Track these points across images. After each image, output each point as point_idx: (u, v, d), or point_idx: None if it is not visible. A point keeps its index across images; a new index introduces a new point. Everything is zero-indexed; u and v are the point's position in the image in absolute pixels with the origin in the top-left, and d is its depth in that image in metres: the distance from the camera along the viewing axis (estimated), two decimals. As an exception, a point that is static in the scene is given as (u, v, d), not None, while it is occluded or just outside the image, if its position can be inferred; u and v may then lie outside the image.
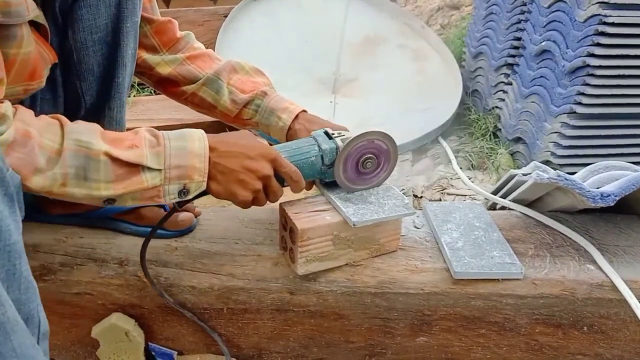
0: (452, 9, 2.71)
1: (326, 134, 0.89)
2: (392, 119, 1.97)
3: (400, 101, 2.08)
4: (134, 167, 0.73)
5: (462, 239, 0.94)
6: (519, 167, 1.72)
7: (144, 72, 1.02)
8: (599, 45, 1.43)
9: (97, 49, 0.82)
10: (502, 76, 1.94)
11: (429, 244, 0.96)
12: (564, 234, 0.98)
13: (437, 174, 1.79)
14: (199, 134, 0.79)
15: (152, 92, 2.10)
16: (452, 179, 1.75)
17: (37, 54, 0.74)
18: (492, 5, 2.01)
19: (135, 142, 0.74)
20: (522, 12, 1.81)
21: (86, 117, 0.86)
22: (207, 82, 1.00)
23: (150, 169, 0.74)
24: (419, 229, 1.00)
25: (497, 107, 1.97)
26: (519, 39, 1.83)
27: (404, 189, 1.68)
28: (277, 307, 0.90)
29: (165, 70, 1.01)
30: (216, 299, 0.90)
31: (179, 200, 0.78)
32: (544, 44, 1.63)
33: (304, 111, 1.00)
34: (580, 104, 1.51)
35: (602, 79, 1.48)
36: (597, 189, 0.91)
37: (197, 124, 1.50)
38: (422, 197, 1.69)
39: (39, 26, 0.75)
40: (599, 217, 1.04)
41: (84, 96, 0.85)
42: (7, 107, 0.67)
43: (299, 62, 2.18)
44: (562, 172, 0.91)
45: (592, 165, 1.06)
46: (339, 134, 0.89)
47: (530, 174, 1.00)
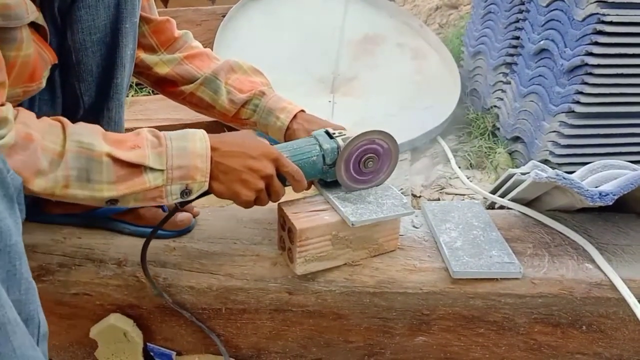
0: (450, 8, 2.71)
1: (327, 133, 0.89)
2: (391, 118, 1.97)
3: (398, 100, 2.08)
4: (136, 167, 0.73)
5: (460, 238, 0.94)
6: (518, 166, 1.72)
7: (142, 71, 1.01)
8: (597, 44, 1.43)
9: (96, 49, 0.82)
10: (501, 75, 1.93)
11: (428, 244, 0.96)
12: (562, 233, 0.98)
13: (435, 173, 1.79)
14: (201, 134, 0.79)
15: (150, 92, 2.09)
16: (450, 178, 1.75)
17: (36, 56, 0.74)
18: (491, 4, 2.01)
19: (137, 142, 0.74)
20: (521, 11, 1.81)
21: (85, 118, 0.86)
22: (205, 82, 1.00)
23: (152, 169, 0.74)
24: (417, 228, 1.00)
25: (495, 106, 1.97)
26: (517, 38, 1.83)
27: (402, 189, 1.67)
28: (276, 307, 0.90)
29: (163, 70, 1.01)
30: (215, 299, 0.90)
31: (182, 200, 0.78)
32: (542, 43, 1.63)
33: (302, 111, 1.00)
34: (578, 103, 1.51)
35: (601, 78, 1.48)
36: (596, 188, 0.91)
37: (195, 123, 1.50)
38: (420, 196, 1.69)
39: (38, 27, 0.75)
40: (597, 216, 1.04)
41: (82, 97, 0.85)
42: (8, 110, 0.67)
43: (298, 61, 2.17)
44: (560, 171, 0.91)
45: (591, 164, 1.06)
46: (340, 134, 0.89)
47: (528, 173, 1.00)
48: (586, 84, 1.48)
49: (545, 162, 1.62)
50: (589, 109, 1.52)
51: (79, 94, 0.85)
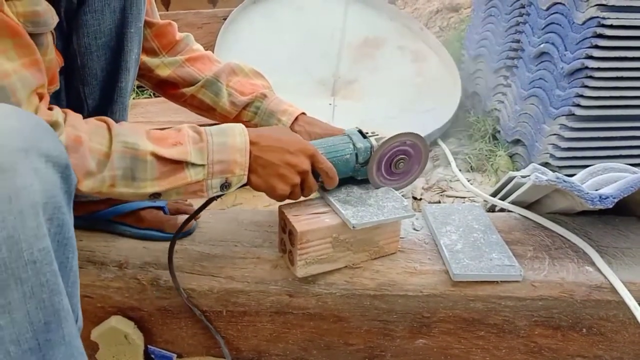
0: (451, 12, 2.71)
1: (360, 132, 0.91)
2: (391, 121, 1.97)
3: (399, 103, 2.08)
4: (179, 163, 0.75)
5: (461, 241, 0.95)
6: (518, 169, 1.71)
7: (144, 74, 1.02)
8: (597, 47, 1.43)
9: (101, 53, 0.82)
10: (501, 78, 1.94)
11: (428, 246, 0.96)
12: (562, 236, 0.99)
13: (436, 176, 1.79)
14: (240, 128, 0.80)
15: (152, 94, 2.10)
16: (451, 181, 1.75)
17: (55, 59, 0.75)
18: (491, 7, 2.02)
19: (179, 139, 0.76)
20: (521, 15, 1.81)
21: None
22: (206, 84, 1.01)
23: (194, 164, 0.76)
24: (418, 231, 1.00)
25: (496, 109, 1.97)
26: (517, 41, 1.83)
27: (403, 191, 1.68)
28: (277, 310, 0.90)
29: (164, 72, 1.01)
30: (215, 301, 0.90)
31: (221, 193, 0.80)
32: (542, 46, 1.63)
33: (303, 113, 1.01)
34: (578, 106, 1.51)
35: (601, 81, 1.48)
36: (596, 191, 0.91)
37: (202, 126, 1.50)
38: (421, 199, 1.69)
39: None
40: (597, 219, 1.04)
41: (86, 100, 0.86)
42: (57, 113, 0.68)
43: (299, 64, 2.18)
44: (560, 174, 0.91)
45: (591, 167, 1.06)
46: (372, 134, 0.91)
47: (529, 176, 1.00)
48: (586, 87, 1.48)
49: (545, 165, 1.62)
50: (590, 112, 1.53)
51: (83, 97, 0.85)
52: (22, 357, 0.52)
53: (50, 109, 0.69)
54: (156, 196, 0.77)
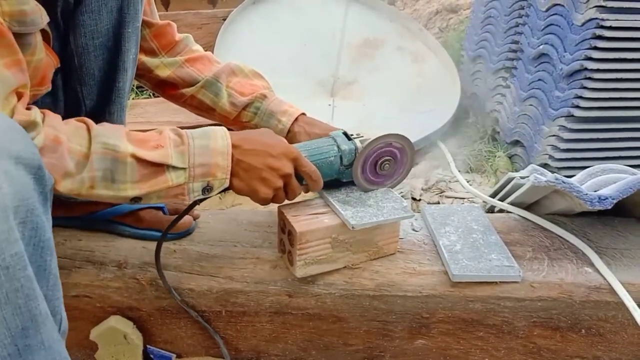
0: (450, 13, 2.72)
1: (345, 134, 0.90)
2: (390, 122, 1.97)
3: (398, 104, 2.08)
4: (159, 166, 0.75)
5: (460, 241, 0.95)
6: (517, 170, 1.71)
7: (143, 74, 1.02)
8: (596, 48, 1.43)
9: (99, 53, 0.82)
10: (500, 79, 1.94)
11: (427, 247, 0.96)
12: (561, 237, 0.99)
13: (435, 176, 1.79)
14: (222, 131, 0.80)
15: (151, 94, 2.10)
16: (450, 181, 1.75)
17: (46, 60, 0.75)
18: (490, 9, 2.02)
19: (160, 142, 0.76)
20: (520, 16, 1.81)
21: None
22: (206, 85, 1.01)
23: (175, 167, 0.75)
24: (417, 231, 1.00)
25: (495, 110, 1.97)
26: (516, 43, 1.84)
27: (402, 192, 1.68)
28: (276, 310, 0.90)
29: (164, 72, 1.01)
30: (214, 301, 0.90)
31: (203, 197, 0.79)
32: (541, 47, 1.63)
33: (303, 114, 1.01)
34: (578, 107, 1.51)
35: (600, 83, 1.48)
36: (595, 192, 0.91)
37: (195, 126, 1.50)
38: (420, 199, 1.69)
39: (43, 31, 0.76)
40: (596, 220, 1.04)
41: (84, 100, 0.86)
42: (36, 113, 0.68)
43: (298, 64, 2.18)
44: (560, 175, 0.91)
45: (590, 168, 1.07)
46: (357, 135, 0.90)
47: (528, 177, 1.01)
48: (585, 88, 1.48)
49: (544, 166, 1.62)
50: (589, 113, 1.53)
51: (81, 97, 0.85)
52: None
53: (28, 109, 0.68)
54: (137, 200, 0.76)
